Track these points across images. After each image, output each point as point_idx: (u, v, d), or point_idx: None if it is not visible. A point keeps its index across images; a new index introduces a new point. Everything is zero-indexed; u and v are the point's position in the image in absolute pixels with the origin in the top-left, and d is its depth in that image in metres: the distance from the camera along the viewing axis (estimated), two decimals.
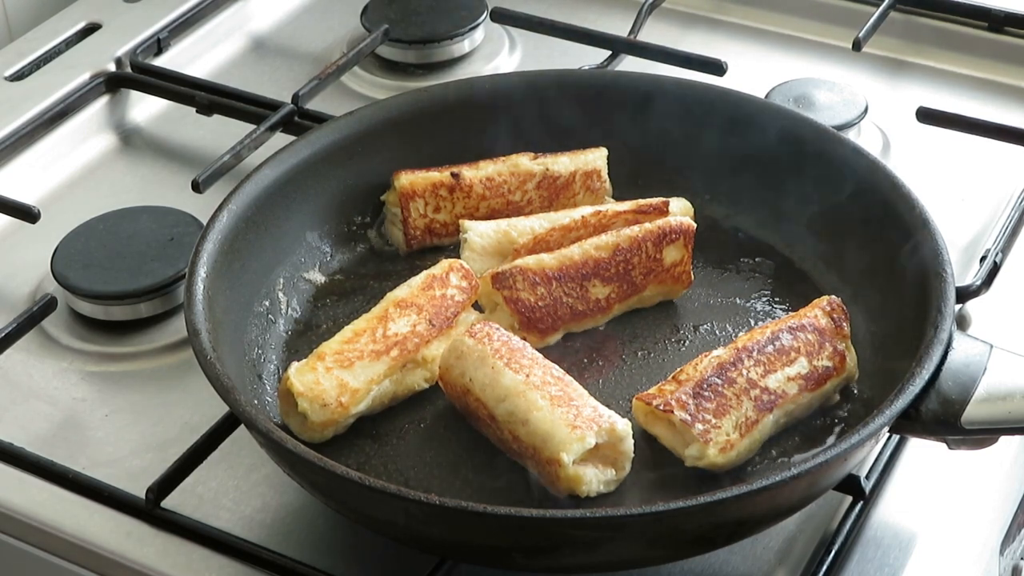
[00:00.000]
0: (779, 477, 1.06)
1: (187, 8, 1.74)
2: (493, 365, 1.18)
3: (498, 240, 1.34)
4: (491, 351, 1.19)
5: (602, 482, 1.16)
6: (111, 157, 1.62)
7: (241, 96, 1.61)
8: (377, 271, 1.39)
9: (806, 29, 1.76)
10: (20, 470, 1.25)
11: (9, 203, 1.48)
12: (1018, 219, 1.42)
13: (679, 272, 1.33)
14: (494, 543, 1.10)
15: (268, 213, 1.34)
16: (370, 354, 1.22)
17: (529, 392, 1.16)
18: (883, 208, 1.30)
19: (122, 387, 1.34)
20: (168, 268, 1.40)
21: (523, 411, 1.16)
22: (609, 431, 1.15)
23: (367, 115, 1.41)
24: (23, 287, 1.44)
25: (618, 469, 1.17)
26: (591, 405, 1.17)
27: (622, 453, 1.16)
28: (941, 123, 1.55)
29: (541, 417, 1.15)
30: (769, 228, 1.39)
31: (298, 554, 1.17)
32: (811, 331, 1.23)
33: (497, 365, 1.18)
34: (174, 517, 1.20)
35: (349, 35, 1.77)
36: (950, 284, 1.21)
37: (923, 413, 1.14)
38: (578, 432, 1.14)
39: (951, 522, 1.21)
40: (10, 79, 1.67)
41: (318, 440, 1.20)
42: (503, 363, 1.18)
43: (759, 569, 1.17)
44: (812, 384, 1.21)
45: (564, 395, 1.17)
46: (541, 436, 1.15)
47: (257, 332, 1.30)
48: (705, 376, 1.19)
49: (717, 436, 1.16)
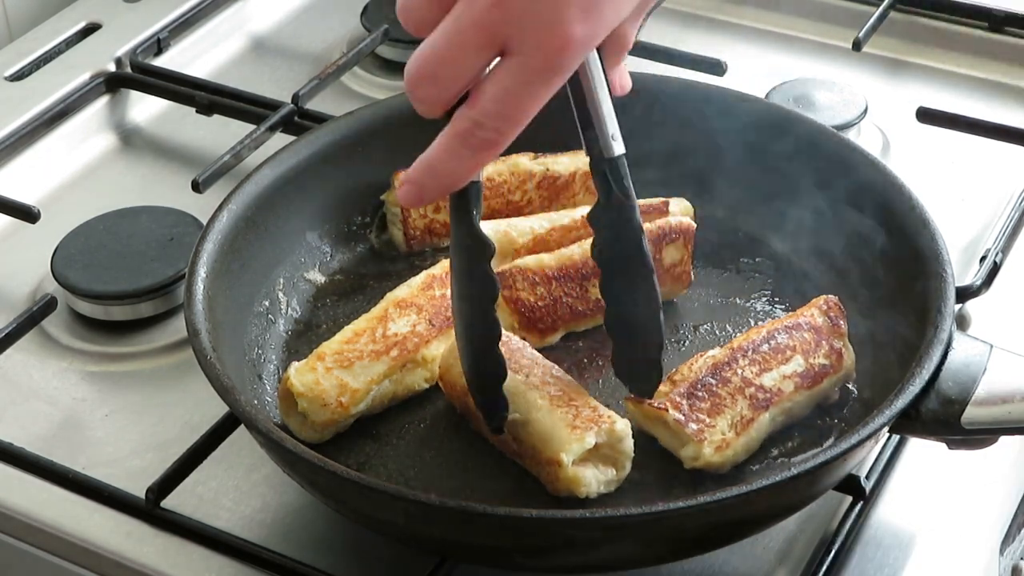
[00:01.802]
0: (779, 477, 1.06)
1: (187, 8, 1.74)
2: None
3: (498, 240, 1.34)
4: None
5: (602, 482, 1.15)
6: (111, 157, 1.62)
7: (241, 96, 1.61)
8: (377, 271, 1.39)
9: (806, 29, 1.76)
10: (20, 470, 1.25)
11: (9, 203, 1.48)
12: (1018, 219, 1.43)
13: (679, 272, 1.33)
14: (494, 543, 1.10)
15: (268, 213, 1.34)
16: (370, 354, 1.22)
17: (528, 392, 1.16)
18: (883, 208, 1.30)
19: (122, 387, 1.34)
20: (168, 268, 1.40)
21: (523, 411, 1.16)
22: (609, 431, 1.15)
23: (367, 115, 1.41)
24: (23, 287, 1.44)
25: (618, 469, 1.16)
26: (591, 405, 1.17)
27: (622, 453, 1.16)
28: (941, 123, 1.55)
29: (540, 417, 1.15)
30: (769, 228, 1.39)
31: (298, 554, 1.17)
32: (807, 330, 1.23)
33: None
34: (174, 517, 1.20)
35: (349, 35, 1.77)
36: (950, 284, 1.21)
37: (923, 413, 1.14)
38: (577, 432, 1.13)
39: (951, 522, 1.21)
40: (10, 79, 1.67)
41: (318, 440, 1.21)
42: None
43: (759, 569, 1.17)
44: (808, 382, 1.21)
45: (564, 395, 1.17)
46: (540, 436, 1.15)
47: (257, 332, 1.30)
48: (699, 376, 1.19)
49: (712, 435, 1.16)
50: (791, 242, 1.37)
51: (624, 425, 1.15)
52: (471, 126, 0.99)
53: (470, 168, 1.01)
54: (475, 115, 0.98)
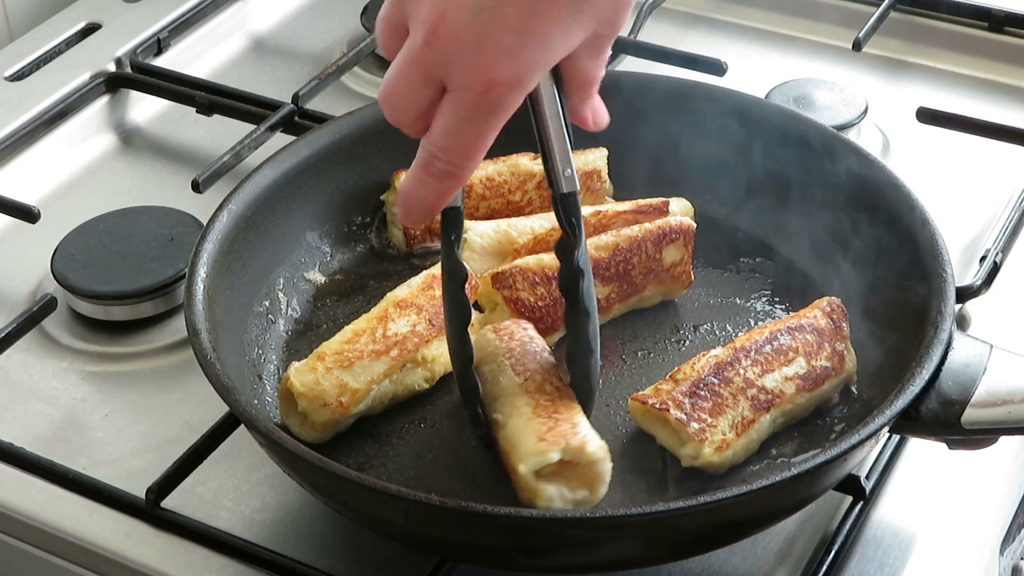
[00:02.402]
0: (779, 477, 1.06)
1: (187, 8, 1.74)
2: (499, 362, 1.18)
3: (498, 240, 1.34)
4: (504, 348, 1.19)
5: (568, 501, 1.12)
6: (111, 157, 1.62)
7: (241, 96, 1.61)
8: (377, 271, 1.39)
9: (806, 29, 1.76)
10: (20, 470, 1.25)
11: (9, 203, 1.48)
12: (1018, 219, 1.42)
13: (679, 272, 1.33)
14: (494, 543, 1.10)
15: (268, 213, 1.34)
16: (370, 354, 1.22)
17: (518, 397, 1.16)
18: (883, 208, 1.30)
19: (122, 387, 1.34)
20: (168, 268, 1.40)
21: (505, 414, 1.15)
22: (577, 450, 1.11)
23: (367, 115, 1.41)
24: (23, 287, 1.44)
25: (591, 491, 1.12)
26: (573, 421, 1.14)
27: (597, 476, 1.12)
28: (941, 123, 1.55)
29: (517, 424, 1.14)
30: (769, 228, 1.39)
31: (298, 554, 1.17)
32: (810, 331, 1.23)
33: (503, 363, 1.18)
34: (174, 517, 1.20)
35: (349, 35, 1.77)
36: (950, 284, 1.21)
37: (923, 413, 1.14)
38: (543, 445, 1.11)
39: (951, 522, 1.21)
40: (10, 79, 1.67)
41: (318, 440, 1.20)
42: (509, 362, 1.18)
43: (759, 569, 1.17)
44: (810, 384, 1.21)
45: (551, 405, 1.15)
46: (511, 442, 1.14)
47: (257, 332, 1.30)
48: (702, 375, 1.19)
49: (713, 435, 1.16)
50: (791, 242, 1.37)
51: (598, 448, 1.12)
52: (429, 157, 1.03)
53: (437, 194, 1.04)
54: (429, 147, 1.02)
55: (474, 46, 0.97)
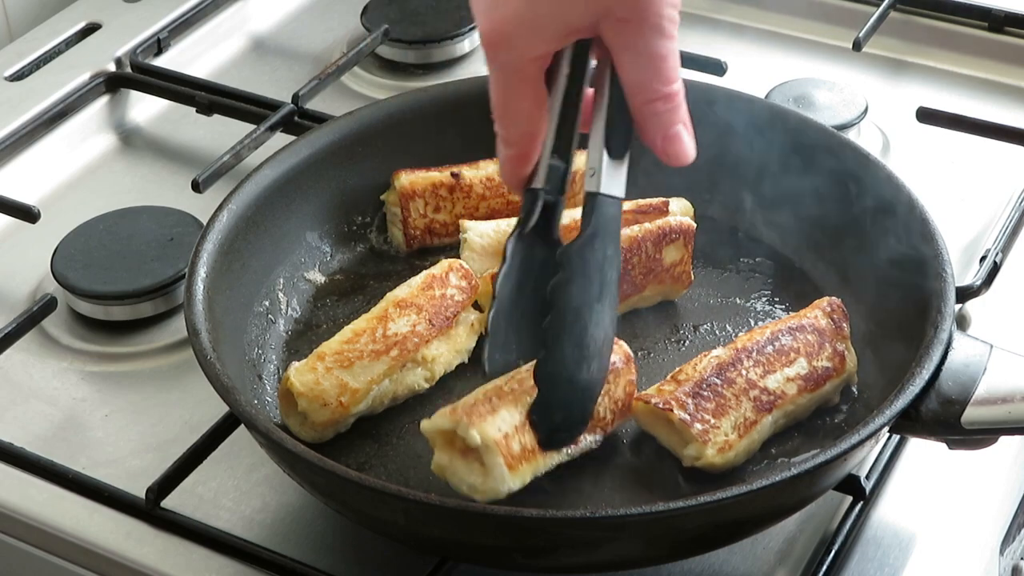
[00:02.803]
0: (779, 477, 1.06)
1: (187, 8, 1.74)
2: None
3: (498, 240, 1.34)
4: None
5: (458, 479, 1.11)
6: (111, 157, 1.62)
7: (241, 96, 1.61)
8: (377, 271, 1.39)
9: (806, 29, 1.76)
10: (20, 470, 1.25)
11: (9, 203, 1.48)
12: (1018, 219, 1.43)
13: (679, 272, 1.33)
14: (494, 543, 1.10)
15: (268, 213, 1.34)
16: (370, 354, 1.22)
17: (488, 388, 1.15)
18: (883, 208, 1.30)
19: (122, 387, 1.34)
20: (168, 268, 1.40)
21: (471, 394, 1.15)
22: (464, 426, 1.09)
23: (367, 115, 1.41)
24: (23, 287, 1.44)
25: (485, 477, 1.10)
26: (496, 410, 1.11)
27: (487, 465, 1.10)
28: (941, 123, 1.55)
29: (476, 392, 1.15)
30: (769, 228, 1.39)
31: (298, 554, 1.17)
32: (811, 332, 1.23)
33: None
34: (174, 517, 1.20)
35: (349, 35, 1.77)
36: (950, 284, 1.21)
37: (923, 413, 1.14)
38: (446, 410, 1.12)
39: (951, 522, 1.21)
40: (10, 79, 1.67)
41: (318, 440, 1.21)
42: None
43: (759, 569, 1.17)
44: (811, 385, 1.21)
45: (497, 389, 1.13)
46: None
47: (257, 332, 1.30)
48: (704, 376, 1.19)
49: (716, 436, 1.16)
50: (791, 242, 1.37)
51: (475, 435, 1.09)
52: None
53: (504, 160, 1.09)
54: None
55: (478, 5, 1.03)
